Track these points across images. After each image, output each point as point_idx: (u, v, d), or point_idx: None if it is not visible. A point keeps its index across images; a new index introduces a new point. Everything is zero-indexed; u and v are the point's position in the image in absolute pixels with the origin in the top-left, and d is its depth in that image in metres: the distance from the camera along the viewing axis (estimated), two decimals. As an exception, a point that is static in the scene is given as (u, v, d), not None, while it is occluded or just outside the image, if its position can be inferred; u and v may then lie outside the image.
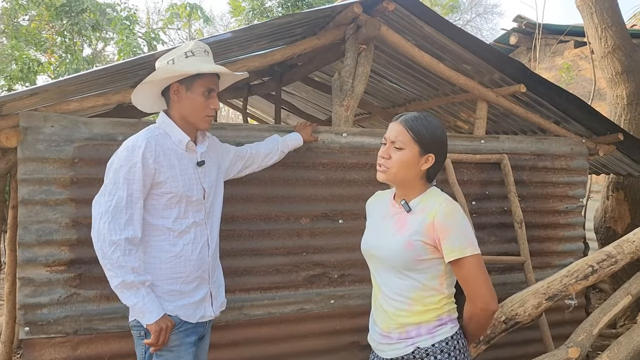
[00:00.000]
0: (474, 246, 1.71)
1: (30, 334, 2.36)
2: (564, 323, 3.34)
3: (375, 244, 1.83)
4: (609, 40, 4.73)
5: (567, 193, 3.41)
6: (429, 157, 1.75)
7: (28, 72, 8.08)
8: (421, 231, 1.71)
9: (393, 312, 1.78)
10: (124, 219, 1.88)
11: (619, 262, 2.21)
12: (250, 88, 5.56)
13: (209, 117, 2.06)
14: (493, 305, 1.73)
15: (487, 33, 24.40)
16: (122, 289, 1.86)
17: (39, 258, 2.36)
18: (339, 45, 3.07)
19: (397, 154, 1.74)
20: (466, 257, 1.68)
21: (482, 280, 1.71)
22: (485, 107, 3.31)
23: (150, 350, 1.92)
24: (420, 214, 1.75)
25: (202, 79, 2.00)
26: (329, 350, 2.88)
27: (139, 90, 2.06)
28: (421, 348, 1.74)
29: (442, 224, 1.69)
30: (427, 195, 1.79)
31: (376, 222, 1.90)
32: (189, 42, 2.05)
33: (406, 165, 1.74)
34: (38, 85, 2.31)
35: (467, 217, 1.77)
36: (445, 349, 1.74)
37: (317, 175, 2.84)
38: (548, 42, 7.94)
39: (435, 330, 1.75)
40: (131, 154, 1.91)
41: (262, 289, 2.76)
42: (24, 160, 2.35)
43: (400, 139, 1.73)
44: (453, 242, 1.68)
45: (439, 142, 1.76)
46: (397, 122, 1.77)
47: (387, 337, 1.80)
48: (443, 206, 1.71)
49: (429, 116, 1.78)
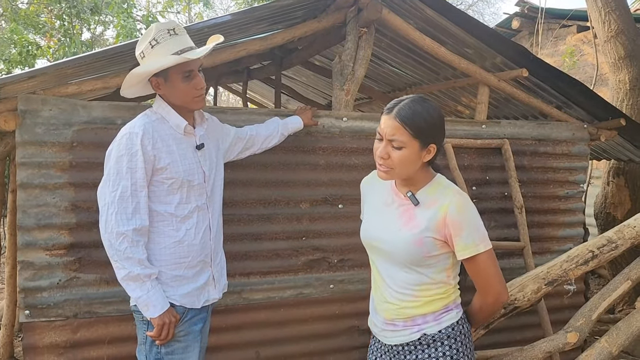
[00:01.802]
0: (487, 240, 1.68)
1: (31, 318, 2.36)
2: (562, 308, 3.35)
3: (379, 237, 1.76)
4: (612, 24, 4.69)
5: (568, 178, 3.40)
6: (431, 147, 1.65)
7: (27, 56, 8.02)
8: (432, 227, 1.65)
9: (398, 304, 1.74)
10: (130, 208, 1.87)
11: (620, 247, 2.21)
12: (250, 72, 5.53)
13: (199, 97, 2.01)
14: (504, 296, 1.74)
15: (489, 18, 24.27)
16: (128, 281, 1.86)
17: (39, 242, 2.36)
18: (340, 28, 3.04)
19: (396, 153, 1.62)
20: (480, 253, 1.66)
21: (495, 274, 1.69)
22: (487, 91, 3.29)
23: (156, 343, 1.93)
24: (430, 208, 1.67)
25: (176, 66, 1.93)
26: (328, 334, 2.90)
27: (124, 91, 2.04)
28: (427, 334, 1.72)
29: (455, 220, 1.63)
30: (434, 186, 1.71)
31: (377, 209, 1.82)
32: (152, 26, 1.96)
33: (409, 163, 1.64)
34: (36, 68, 2.28)
35: (477, 210, 1.71)
36: (452, 334, 1.73)
37: (317, 160, 2.83)
38: (550, 27, 7.88)
39: (441, 316, 1.73)
40: (130, 142, 1.89)
41: (261, 273, 2.76)
42: (22, 143, 2.33)
43: (398, 138, 1.60)
44: (466, 239, 1.64)
45: (438, 129, 1.66)
46: (391, 117, 1.61)
47: (392, 325, 1.77)
48: (455, 200, 1.64)
49: (424, 101, 1.64)
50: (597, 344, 2.23)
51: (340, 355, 2.92)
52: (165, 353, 1.95)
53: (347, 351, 2.95)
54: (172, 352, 1.96)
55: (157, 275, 1.92)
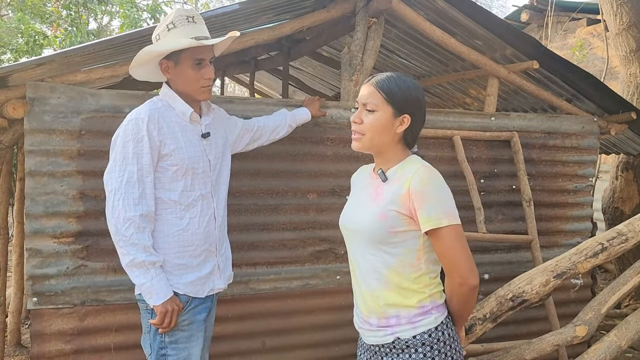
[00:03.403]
0: (453, 216, 1.57)
1: (38, 305, 2.37)
2: (569, 302, 3.34)
3: (350, 218, 1.73)
4: (624, 17, 4.64)
5: (577, 172, 3.38)
6: (404, 118, 1.62)
7: (34, 45, 8.02)
8: (395, 200, 1.59)
9: (370, 292, 1.67)
10: (137, 193, 1.86)
11: (630, 240, 2.18)
12: (257, 63, 5.50)
13: (206, 88, 2.00)
14: (472, 279, 1.57)
15: (497, 10, 24.01)
16: (132, 267, 1.86)
17: (47, 229, 2.36)
18: (349, 18, 3.02)
19: (369, 117, 1.62)
20: (443, 227, 1.54)
21: (460, 252, 1.56)
22: (497, 83, 3.26)
23: (159, 331, 1.92)
24: (396, 183, 1.62)
25: (188, 52, 1.93)
26: (334, 325, 2.89)
27: (133, 69, 2.03)
28: (401, 339, 1.62)
29: (418, 191, 1.55)
30: (405, 163, 1.66)
31: (355, 194, 1.81)
32: (172, 11, 1.97)
33: (380, 129, 1.62)
34: (44, 56, 2.28)
35: (446, 185, 1.61)
36: (427, 341, 1.61)
37: (325, 151, 2.82)
38: (560, 20, 7.81)
39: (417, 320, 1.62)
40: (136, 127, 1.88)
41: (268, 263, 2.76)
42: (30, 131, 2.33)
43: (372, 101, 1.62)
44: (429, 211, 1.54)
45: (414, 101, 1.63)
46: (368, 83, 1.65)
47: (367, 323, 1.70)
48: (420, 172, 1.58)
49: (404, 75, 1.66)
50: (605, 338, 2.22)
51: (345, 346, 2.92)
52: (169, 342, 1.95)
53: (353, 342, 2.91)
54: (175, 341, 1.96)
55: (161, 263, 1.92)
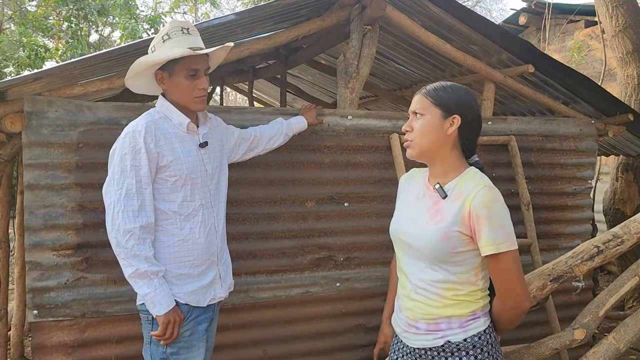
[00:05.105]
0: (511, 241, 1.57)
1: (39, 317, 2.38)
2: (571, 305, 3.33)
3: (407, 231, 1.71)
4: (620, 19, 4.65)
5: (576, 175, 3.38)
6: (454, 118, 1.62)
7: (35, 59, 8.08)
8: (457, 221, 1.58)
9: (423, 301, 1.67)
10: (136, 205, 1.87)
11: (626, 242, 2.18)
12: (255, 71, 5.54)
13: (200, 98, 2.01)
14: (526, 303, 1.61)
15: (496, 14, 24.13)
16: (136, 278, 1.87)
17: (46, 242, 2.37)
18: (344, 26, 3.04)
19: (418, 122, 1.64)
20: (501, 252, 1.56)
21: (516, 277, 1.58)
22: (493, 88, 3.27)
23: (160, 343, 1.93)
24: (456, 201, 1.60)
25: (182, 62, 1.94)
26: (334, 332, 2.90)
27: (129, 81, 2.05)
28: (452, 342, 1.64)
29: (479, 214, 1.55)
30: (465, 178, 1.64)
31: (408, 202, 1.78)
32: (167, 23, 2.00)
33: (429, 131, 1.62)
34: (42, 70, 2.30)
35: (506, 207, 1.60)
36: (477, 344, 1.63)
37: (323, 158, 2.83)
38: (558, 22, 7.83)
39: (468, 323, 1.65)
40: (133, 140, 1.90)
41: (268, 272, 2.76)
42: (29, 144, 2.35)
43: (420, 106, 1.65)
44: (489, 235, 1.55)
45: (463, 102, 1.63)
46: (418, 94, 1.69)
47: (414, 327, 1.70)
48: (481, 193, 1.56)
49: (454, 84, 1.68)
50: (604, 341, 2.21)
51: (346, 354, 2.92)
52: (171, 353, 1.96)
53: (354, 349, 2.95)
54: (177, 352, 1.96)
55: (164, 272, 1.93)
